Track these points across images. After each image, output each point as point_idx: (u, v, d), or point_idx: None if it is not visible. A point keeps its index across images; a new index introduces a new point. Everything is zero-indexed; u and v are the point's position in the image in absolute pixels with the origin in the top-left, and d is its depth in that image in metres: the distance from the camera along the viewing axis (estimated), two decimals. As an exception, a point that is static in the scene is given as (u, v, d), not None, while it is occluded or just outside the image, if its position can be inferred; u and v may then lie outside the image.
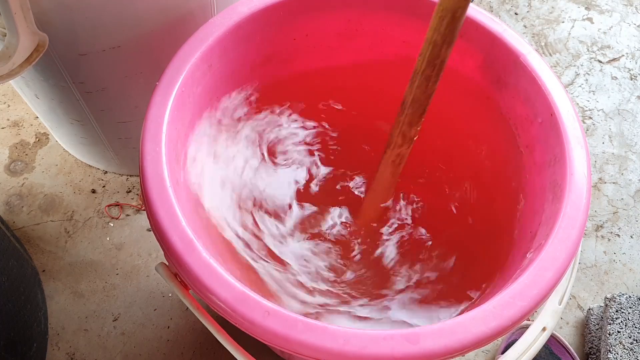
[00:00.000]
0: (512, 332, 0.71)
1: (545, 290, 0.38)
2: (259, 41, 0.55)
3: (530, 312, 0.38)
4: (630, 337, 0.66)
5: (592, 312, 0.74)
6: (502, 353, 0.71)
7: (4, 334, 0.59)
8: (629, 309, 0.68)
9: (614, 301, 0.69)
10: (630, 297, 0.69)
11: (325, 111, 0.68)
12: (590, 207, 0.44)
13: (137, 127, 0.71)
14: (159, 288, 0.75)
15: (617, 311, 0.68)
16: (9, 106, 0.90)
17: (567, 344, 0.71)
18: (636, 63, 1.03)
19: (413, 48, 0.59)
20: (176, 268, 0.40)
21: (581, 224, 0.41)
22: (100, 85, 0.62)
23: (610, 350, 0.66)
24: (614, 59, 1.03)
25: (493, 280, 0.50)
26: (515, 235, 0.52)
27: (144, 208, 0.81)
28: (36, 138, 0.87)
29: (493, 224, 0.58)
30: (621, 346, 0.65)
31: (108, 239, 0.79)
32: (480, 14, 0.52)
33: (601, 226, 0.84)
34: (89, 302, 0.74)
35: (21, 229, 0.80)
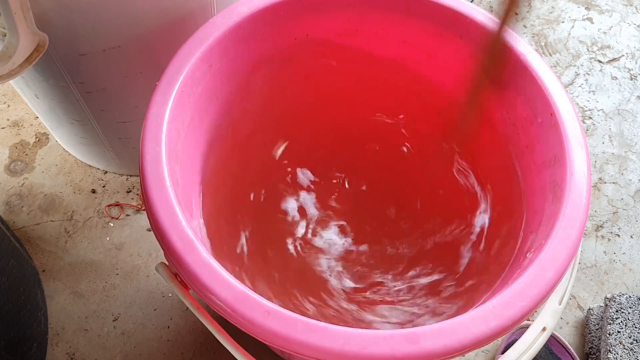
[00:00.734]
0: (512, 332, 0.71)
1: (545, 290, 0.38)
2: (259, 41, 0.55)
3: (530, 312, 0.38)
4: (630, 337, 0.66)
5: (592, 312, 0.74)
6: (502, 353, 0.71)
7: (4, 334, 0.59)
8: (629, 309, 0.68)
9: (614, 301, 0.69)
10: (630, 297, 0.69)
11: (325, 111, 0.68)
12: (590, 207, 0.44)
13: (137, 127, 0.71)
14: (159, 288, 0.75)
15: (617, 311, 0.68)
16: (9, 106, 0.90)
17: (567, 344, 0.71)
18: (636, 63, 1.03)
19: (413, 48, 0.59)
20: (176, 268, 0.40)
21: (581, 224, 0.41)
22: (100, 85, 0.62)
23: (610, 350, 0.66)
24: (614, 59, 1.03)
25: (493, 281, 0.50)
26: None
27: (144, 208, 0.81)
28: (36, 138, 0.87)
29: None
30: (621, 346, 0.65)
31: (108, 239, 0.79)
32: (480, 14, 0.52)
33: (601, 226, 0.84)
34: (89, 302, 0.74)
35: (21, 229, 0.80)
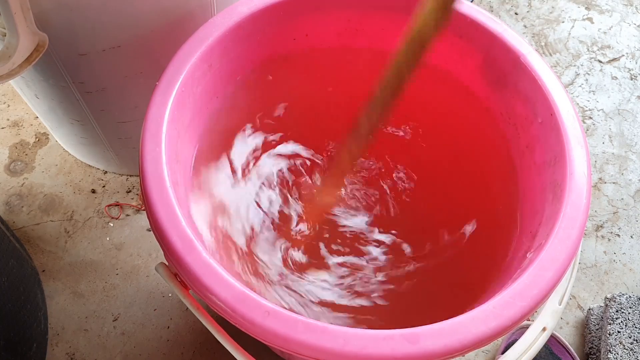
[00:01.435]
0: (512, 332, 0.71)
1: (545, 290, 0.38)
2: (259, 41, 0.55)
3: (531, 312, 0.38)
4: (630, 337, 0.66)
5: (592, 312, 0.74)
6: (502, 353, 0.71)
7: (4, 334, 0.59)
8: (629, 309, 0.68)
9: (614, 301, 0.69)
10: (630, 297, 0.69)
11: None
12: (590, 207, 0.44)
13: (137, 127, 0.71)
14: (159, 288, 0.75)
15: (617, 311, 0.68)
16: (9, 106, 0.90)
17: (567, 344, 0.71)
18: (636, 63, 1.03)
19: (413, 48, 0.59)
20: (176, 268, 0.40)
21: (581, 224, 0.41)
22: (100, 85, 0.62)
23: (610, 351, 0.66)
24: (614, 59, 1.03)
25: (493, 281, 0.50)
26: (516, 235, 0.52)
27: (144, 208, 0.81)
28: (36, 138, 0.87)
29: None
30: (621, 346, 0.65)
31: (108, 239, 0.79)
32: (480, 14, 0.52)
33: (601, 226, 0.84)
34: (89, 302, 0.74)
35: (21, 229, 0.80)
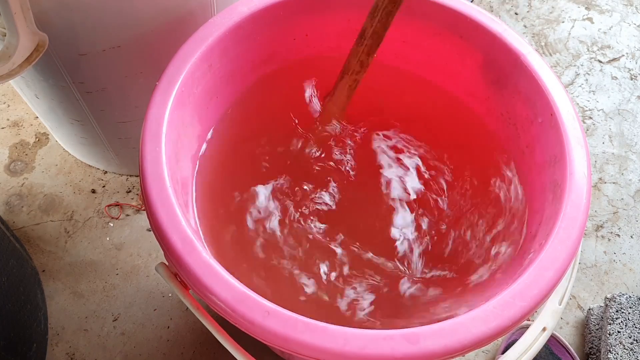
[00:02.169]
0: (512, 332, 0.71)
1: (546, 290, 0.38)
2: (259, 41, 0.55)
3: (531, 312, 0.38)
4: (630, 337, 0.66)
5: (592, 312, 0.74)
6: (502, 353, 0.71)
7: (4, 334, 0.59)
8: (629, 309, 0.68)
9: (614, 301, 0.69)
10: (630, 297, 0.69)
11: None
12: (590, 207, 0.44)
13: (137, 127, 0.71)
14: (159, 288, 0.75)
15: (617, 311, 0.68)
16: (9, 106, 0.90)
17: (567, 344, 0.71)
18: (636, 63, 1.03)
19: (413, 48, 0.59)
20: (176, 268, 0.40)
21: (581, 224, 0.41)
22: (100, 85, 0.62)
23: (610, 351, 0.66)
24: (614, 59, 1.03)
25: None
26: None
27: (144, 208, 0.81)
28: (36, 138, 0.87)
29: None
30: (621, 346, 0.65)
31: (108, 239, 0.79)
32: (480, 14, 0.52)
33: (601, 226, 0.84)
34: (89, 302, 0.74)
35: (21, 229, 0.80)
